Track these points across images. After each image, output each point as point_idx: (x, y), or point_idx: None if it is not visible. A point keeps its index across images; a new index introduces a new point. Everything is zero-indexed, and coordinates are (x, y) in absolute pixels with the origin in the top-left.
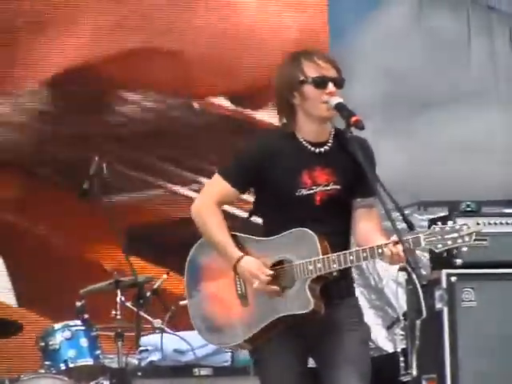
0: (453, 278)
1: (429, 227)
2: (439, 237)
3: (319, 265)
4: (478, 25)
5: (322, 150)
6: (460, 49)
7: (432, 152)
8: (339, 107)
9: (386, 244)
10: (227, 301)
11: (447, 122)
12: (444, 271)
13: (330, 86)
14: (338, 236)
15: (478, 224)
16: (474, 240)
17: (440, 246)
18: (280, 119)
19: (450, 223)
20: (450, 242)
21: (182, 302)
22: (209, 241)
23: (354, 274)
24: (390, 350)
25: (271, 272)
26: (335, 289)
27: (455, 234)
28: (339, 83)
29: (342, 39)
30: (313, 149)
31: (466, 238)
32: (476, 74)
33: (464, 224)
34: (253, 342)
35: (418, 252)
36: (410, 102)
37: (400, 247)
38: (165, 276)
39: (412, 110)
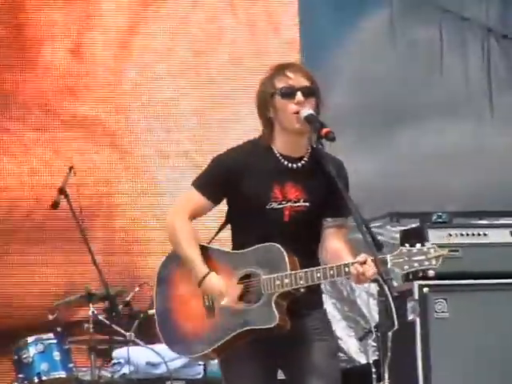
0: (425, 289)
1: (401, 239)
2: (406, 258)
3: (286, 280)
4: (451, 37)
5: (296, 165)
6: (433, 61)
7: (405, 164)
8: (309, 119)
9: (353, 263)
10: (194, 312)
11: (420, 134)
12: (416, 282)
13: (298, 96)
14: (306, 253)
15: (449, 235)
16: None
17: (406, 267)
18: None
19: (418, 245)
20: (416, 265)
21: (150, 311)
22: (178, 252)
23: (327, 285)
24: (363, 361)
25: (237, 292)
26: (303, 301)
27: (422, 257)
28: (308, 92)
29: (317, 53)
30: (286, 163)
31: (433, 261)
32: (448, 86)
33: (431, 247)
34: (219, 352)
35: (390, 266)
36: (384, 114)
37: (365, 267)
38: (137, 288)
39: (386, 123)
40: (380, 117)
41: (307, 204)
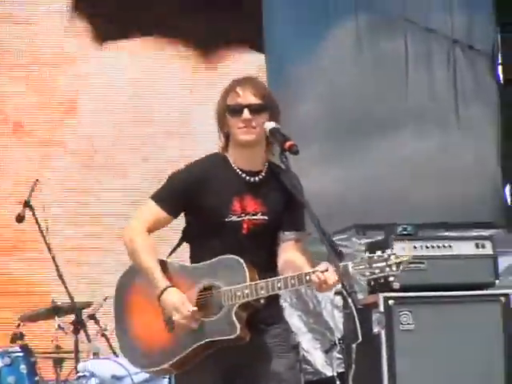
0: (390, 302)
1: (365, 251)
2: (367, 265)
3: (247, 291)
4: (417, 48)
5: (254, 179)
6: (399, 73)
7: (370, 176)
8: (273, 132)
9: (314, 271)
10: (154, 326)
11: (386, 146)
12: (381, 294)
13: (245, 113)
14: (264, 265)
15: (414, 247)
16: (411, 263)
17: (368, 273)
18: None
19: (378, 252)
20: (377, 271)
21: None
22: (138, 266)
23: (293, 298)
24: (329, 373)
25: (194, 308)
26: (263, 315)
27: (383, 263)
28: (256, 109)
29: (283, 66)
30: (244, 176)
31: (394, 268)
32: (414, 97)
33: (392, 254)
34: (178, 366)
35: (350, 274)
36: (350, 127)
37: (327, 275)
38: (103, 301)
39: (351, 135)
40: (345, 130)
41: (265, 217)
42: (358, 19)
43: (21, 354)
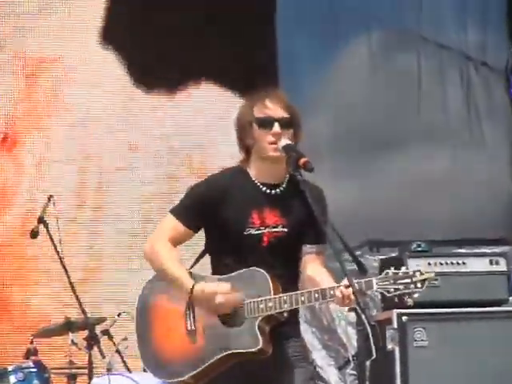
0: (404, 318)
1: (380, 268)
2: (392, 281)
3: (270, 304)
4: (430, 64)
5: (274, 192)
6: (411, 89)
7: (383, 191)
8: (287, 149)
9: (338, 286)
10: (176, 337)
11: (399, 162)
12: (395, 311)
13: (276, 127)
14: (285, 278)
15: (429, 264)
16: (428, 283)
17: (392, 290)
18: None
19: (403, 268)
20: (402, 287)
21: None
22: (163, 275)
23: (307, 314)
24: None
25: (229, 286)
26: (283, 329)
27: (408, 280)
28: (286, 123)
29: (295, 81)
30: (264, 189)
31: (419, 285)
32: (427, 114)
33: (417, 270)
34: (199, 378)
35: (374, 290)
36: (363, 142)
37: (351, 290)
38: (117, 317)
39: (364, 151)
40: (358, 145)
41: (286, 230)
42: (371, 35)
43: (34, 370)
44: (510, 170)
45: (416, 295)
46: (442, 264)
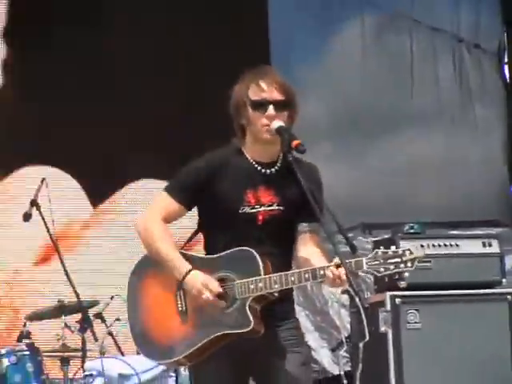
0: (397, 300)
1: (373, 250)
2: (381, 261)
3: (261, 284)
4: (422, 47)
5: (269, 170)
6: (404, 72)
7: (377, 175)
8: (280, 131)
9: (328, 266)
10: (167, 317)
11: (393, 145)
12: (388, 293)
13: (270, 109)
14: (279, 257)
15: (421, 246)
16: (418, 262)
17: (382, 270)
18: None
19: (392, 248)
20: (392, 267)
21: (121, 317)
22: (154, 255)
23: (300, 296)
24: (336, 372)
25: (219, 288)
26: (276, 311)
27: (398, 259)
28: (280, 106)
29: (288, 65)
30: (259, 168)
31: (409, 264)
32: (420, 97)
33: (407, 249)
34: (191, 358)
35: (362, 274)
36: (356, 126)
37: (342, 270)
38: (110, 300)
39: (358, 134)
40: (352, 128)
41: (281, 208)
42: (364, 17)
43: (27, 353)
44: (502, 152)
45: (406, 274)
46: (434, 246)
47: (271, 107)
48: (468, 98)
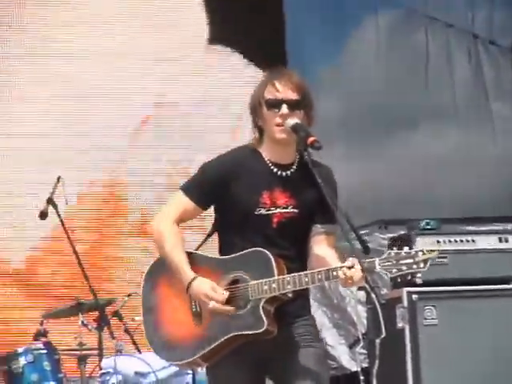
0: (414, 296)
1: (388, 246)
2: (394, 262)
3: (274, 285)
4: (438, 44)
5: (285, 173)
6: (420, 69)
7: (393, 171)
8: (296, 128)
9: (341, 267)
10: (182, 318)
11: (408, 142)
12: (405, 289)
13: (283, 108)
14: (292, 259)
15: (437, 242)
16: (432, 262)
17: (394, 270)
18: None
19: (405, 249)
20: (404, 268)
21: (137, 318)
22: (164, 257)
23: (318, 293)
24: (354, 368)
25: (225, 293)
26: (290, 308)
27: (410, 260)
28: (295, 105)
29: (306, 66)
30: (276, 170)
31: (421, 265)
32: (436, 93)
33: (420, 250)
34: (206, 359)
35: (378, 270)
36: (372, 123)
37: (354, 271)
38: (126, 298)
39: (374, 131)
40: (368, 125)
41: (296, 210)
42: (379, 15)
43: (44, 351)
44: None
45: (419, 275)
46: (451, 242)
47: (285, 106)
48: (483, 94)
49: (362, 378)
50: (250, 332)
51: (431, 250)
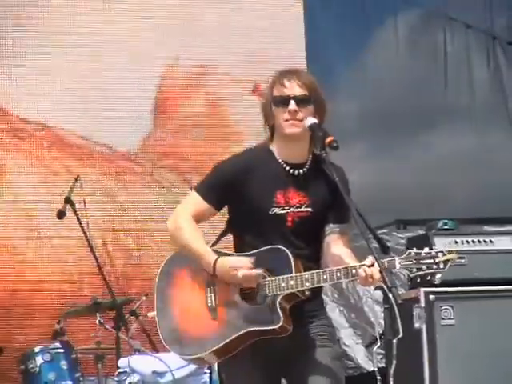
0: (431, 297)
1: (407, 246)
2: (414, 261)
3: (292, 282)
4: (456, 44)
5: (298, 172)
6: (438, 70)
7: (411, 171)
8: (313, 128)
9: (362, 265)
10: (196, 313)
11: (426, 143)
12: (422, 289)
13: (291, 104)
14: (308, 258)
15: (455, 242)
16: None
17: (415, 270)
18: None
19: (426, 249)
20: (424, 267)
21: (150, 314)
22: (185, 249)
23: (335, 293)
24: (371, 368)
25: (251, 258)
26: (305, 309)
27: (430, 260)
28: (303, 100)
29: (326, 67)
30: (289, 169)
31: (441, 265)
32: (453, 94)
33: (440, 251)
34: (219, 354)
35: (396, 270)
36: (389, 124)
37: (373, 269)
38: (144, 297)
39: (392, 132)
40: (386, 127)
41: (310, 210)
42: (398, 16)
43: (61, 351)
44: None
45: (438, 276)
46: (468, 242)
47: (292, 102)
48: (502, 94)
49: (378, 377)
50: (265, 327)
51: (450, 251)
